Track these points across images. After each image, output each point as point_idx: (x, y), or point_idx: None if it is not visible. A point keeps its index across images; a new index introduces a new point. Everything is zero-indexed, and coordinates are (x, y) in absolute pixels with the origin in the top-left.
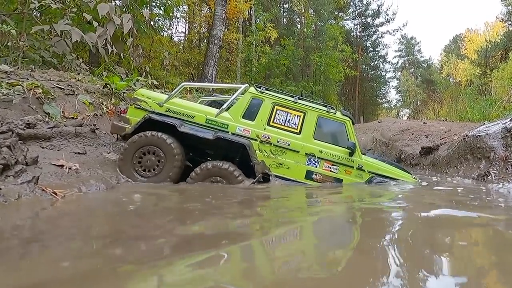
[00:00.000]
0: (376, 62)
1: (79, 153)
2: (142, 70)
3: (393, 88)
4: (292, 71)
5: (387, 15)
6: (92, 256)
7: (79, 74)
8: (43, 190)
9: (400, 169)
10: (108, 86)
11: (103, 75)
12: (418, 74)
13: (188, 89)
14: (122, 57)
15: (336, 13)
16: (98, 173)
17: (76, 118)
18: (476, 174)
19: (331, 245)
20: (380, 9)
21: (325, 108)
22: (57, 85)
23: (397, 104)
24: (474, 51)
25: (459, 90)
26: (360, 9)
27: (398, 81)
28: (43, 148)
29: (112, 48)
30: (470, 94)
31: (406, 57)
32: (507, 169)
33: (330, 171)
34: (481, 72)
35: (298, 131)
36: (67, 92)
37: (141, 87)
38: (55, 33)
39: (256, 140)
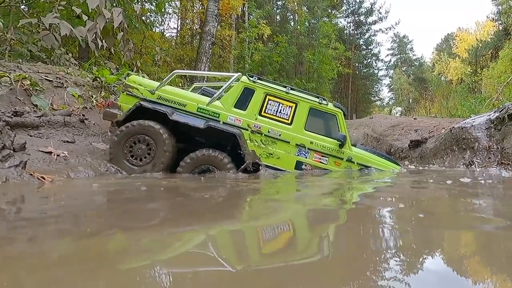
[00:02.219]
0: (369, 60)
1: (67, 141)
2: (133, 65)
3: (386, 86)
4: (285, 68)
5: (380, 13)
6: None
7: (68, 68)
8: (31, 174)
9: (390, 160)
10: (98, 79)
11: (92, 69)
12: (410, 72)
13: (180, 85)
14: (112, 53)
15: (330, 10)
16: (87, 161)
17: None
18: (461, 163)
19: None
20: (373, 7)
21: (317, 100)
22: (46, 78)
23: (390, 102)
24: (465, 50)
25: (450, 88)
26: (353, 7)
27: (390, 79)
28: (31, 136)
29: (102, 42)
30: (461, 92)
31: (399, 56)
32: (490, 157)
33: (320, 162)
34: (472, 70)
35: (289, 121)
36: (56, 84)
37: None
38: (43, 26)
39: (247, 129)
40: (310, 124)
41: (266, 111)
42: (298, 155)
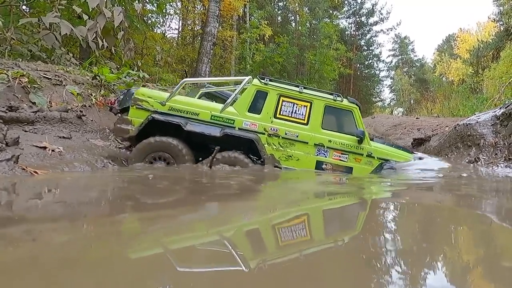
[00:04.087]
0: (370, 61)
1: (63, 137)
2: (134, 65)
3: (387, 87)
4: (287, 69)
5: (381, 14)
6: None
7: (68, 67)
8: (23, 169)
9: (405, 151)
10: (98, 77)
11: (92, 68)
12: (411, 73)
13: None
14: (113, 53)
15: (331, 11)
16: (83, 157)
17: None
18: (466, 160)
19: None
20: (374, 8)
21: (331, 97)
22: (44, 75)
23: (391, 103)
24: (466, 50)
25: (451, 88)
26: (355, 8)
27: (392, 80)
28: (25, 131)
29: (102, 42)
30: (463, 92)
31: (400, 56)
32: (496, 154)
33: (340, 160)
34: (473, 71)
35: (305, 121)
36: (55, 82)
37: (132, 80)
38: (43, 26)
39: (264, 133)
40: (326, 122)
41: (281, 113)
42: (317, 155)
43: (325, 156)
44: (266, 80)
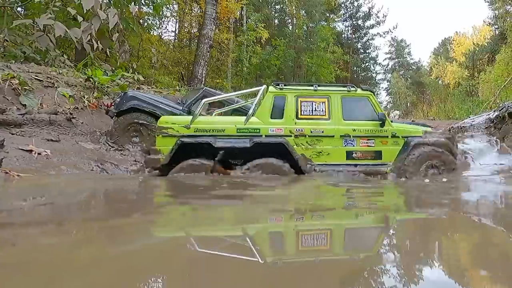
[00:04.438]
0: (366, 64)
1: (52, 140)
2: (129, 67)
3: (384, 90)
4: (284, 72)
5: (378, 17)
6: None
7: (62, 69)
8: (6, 172)
9: (425, 126)
10: (91, 79)
11: (86, 70)
12: (408, 76)
13: (177, 87)
14: (109, 55)
15: (328, 14)
16: (70, 160)
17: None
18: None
19: None
20: (371, 11)
21: (345, 88)
22: (36, 77)
23: (388, 106)
24: (462, 54)
25: (447, 91)
26: (351, 11)
27: (388, 83)
28: (12, 134)
29: (97, 44)
30: (458, 95)
31: (396, 59)
32: None
33: (368, 145)
34: (469, 74)
35: (327, 116)
36: (46, 84)
37: (126, 83)
38: (37, 27)
39: (291, 135)
40: (347, 113)
41: (302, 113)
42: (345, 145)
43: (353, 145)
44: (281, 85)
